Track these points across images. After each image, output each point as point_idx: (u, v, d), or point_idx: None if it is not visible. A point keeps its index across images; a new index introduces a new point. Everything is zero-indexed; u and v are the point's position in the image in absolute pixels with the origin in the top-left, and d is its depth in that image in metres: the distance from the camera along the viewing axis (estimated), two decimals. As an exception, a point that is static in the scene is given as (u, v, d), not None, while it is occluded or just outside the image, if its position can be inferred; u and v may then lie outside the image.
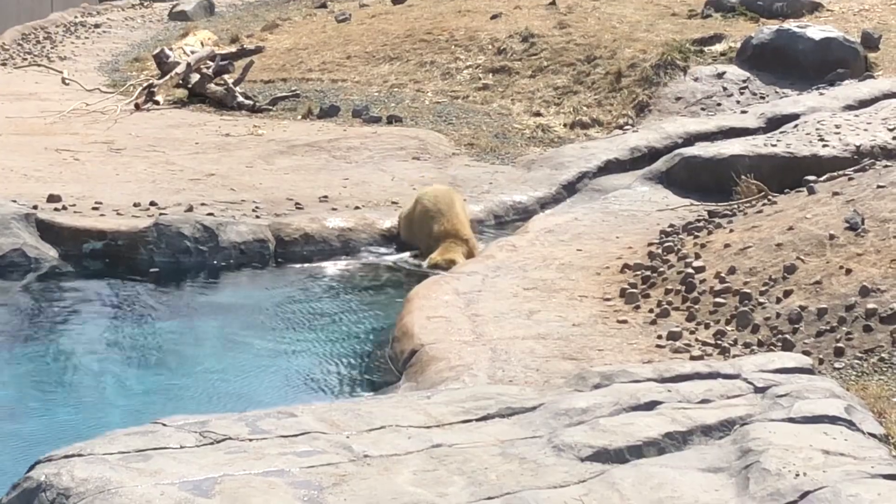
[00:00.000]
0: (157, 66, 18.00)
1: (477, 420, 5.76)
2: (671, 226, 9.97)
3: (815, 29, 16.39)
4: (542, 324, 7.97)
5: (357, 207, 11.56)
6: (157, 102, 16.60)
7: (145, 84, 17.17)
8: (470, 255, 10.33)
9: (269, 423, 5.57)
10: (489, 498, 4.96)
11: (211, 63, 17.40)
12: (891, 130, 12.48)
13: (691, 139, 13.39)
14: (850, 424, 5.60)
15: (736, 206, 10.28)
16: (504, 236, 10.87)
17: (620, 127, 14.87)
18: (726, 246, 8.84)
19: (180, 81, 17.18)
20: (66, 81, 18.59)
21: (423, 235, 10.74)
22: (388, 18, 20.43)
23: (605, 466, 5.25)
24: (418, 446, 5.40)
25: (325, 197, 11.85)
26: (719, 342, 7.59)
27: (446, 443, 5.44)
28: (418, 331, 7.90)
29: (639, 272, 8.86)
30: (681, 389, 6.01)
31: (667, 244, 9.30)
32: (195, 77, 17.11)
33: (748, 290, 8.06)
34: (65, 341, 8.94)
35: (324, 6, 23.75)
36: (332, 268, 10.57)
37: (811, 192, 9.49)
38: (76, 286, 10.00)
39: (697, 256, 8.82)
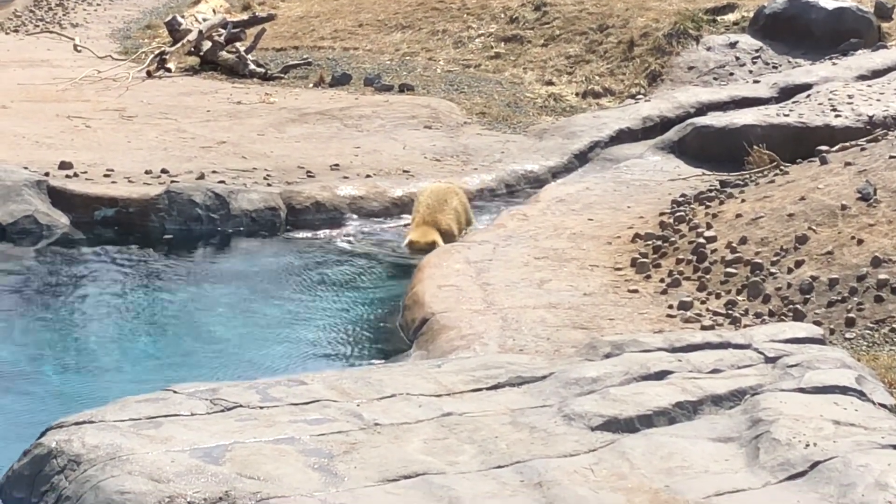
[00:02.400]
0: (168, 34, 17.96)
1: (487, 389, 5.77)
2: (683, 196, 9.95)
3: (828, -2, 16.30)
4: (553, 293, 7.97)
5: (368, 176, 11.56)
6: (168, 70, 16.56)
7: (157, 51, 17.14)
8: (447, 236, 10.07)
9: (280, 390, 5.58)
10: (499, 466, 4.97)
11: (223, 31, 17.36)
12: (904, 101, 12.43)
13: (703, 109, 13.36)
14: (861, 395, 5.60)
15: (748, 176, 10.26)
16: (515, 205, 10.86)
17: (633, 96, 14.83)
18: (738, 216, 8.82)
19: (192, 49, 17.15)
20: (78, 48, 18.55)
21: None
22: (400, -14, 20.34)
23: (615, 436, 5.26)
24: (429, 415, 5.41)
25: (337, 165, 11.84)
26: (730, 312, 7.58)
27: (457, 411, 5.45)
28: (429, 299, 7.90)
29: (650, 242, 8.84)
30: (691, 359, 6.02)
31: (678, 214, 9.28)
32: (207, 44, 17.07)
33: (759, 261, 8.05)
34: (76, 308, 8.96)
35: (336, -26, 23.65)
36: (343, 236, 10.57)
37: (823, 162, 9.46)
38: (87, 253, 10.01)
39: (709, 226, 8.80)
